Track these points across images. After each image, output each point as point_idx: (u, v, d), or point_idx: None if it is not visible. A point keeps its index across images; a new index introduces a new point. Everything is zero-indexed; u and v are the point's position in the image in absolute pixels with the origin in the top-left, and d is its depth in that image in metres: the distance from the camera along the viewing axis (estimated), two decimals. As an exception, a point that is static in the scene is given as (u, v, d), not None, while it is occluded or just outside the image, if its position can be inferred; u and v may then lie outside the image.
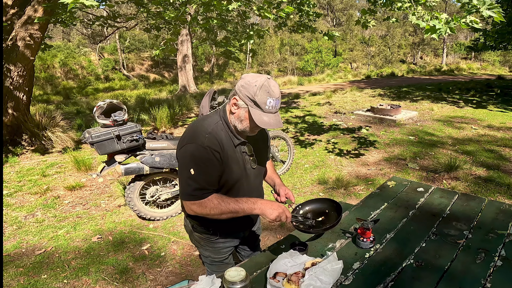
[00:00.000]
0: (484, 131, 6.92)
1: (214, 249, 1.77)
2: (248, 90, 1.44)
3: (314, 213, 1.78)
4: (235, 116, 1.52)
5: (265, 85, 1.42)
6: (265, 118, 1.44)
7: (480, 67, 28.36)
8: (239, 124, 1.52)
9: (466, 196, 2.24)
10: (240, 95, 1.47)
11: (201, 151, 1.46)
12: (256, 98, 1.42)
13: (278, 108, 1.48)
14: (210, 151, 1.46)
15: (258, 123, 1.43)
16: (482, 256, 1.57)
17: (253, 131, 1.55)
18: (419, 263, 1.53)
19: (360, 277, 1.46)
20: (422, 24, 4.00)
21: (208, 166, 1.48)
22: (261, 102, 1.42)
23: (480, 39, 16.49)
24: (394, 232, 1.81)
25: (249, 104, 1.45)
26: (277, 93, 1.45)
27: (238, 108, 1.49)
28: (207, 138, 1.47)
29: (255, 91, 1.42)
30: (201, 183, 1.49)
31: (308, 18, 6.12)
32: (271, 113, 1.45)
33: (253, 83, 1.43)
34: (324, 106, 10.28)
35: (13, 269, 2.91)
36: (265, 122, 1.43)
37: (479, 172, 4.76)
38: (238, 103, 1.48)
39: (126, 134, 3.32)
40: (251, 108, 1.45)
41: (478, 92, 12.10)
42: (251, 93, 1.43)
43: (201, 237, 1.77)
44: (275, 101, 1.45)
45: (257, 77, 1.45)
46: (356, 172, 4.94)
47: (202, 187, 1.50)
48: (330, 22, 42.52)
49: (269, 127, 1.44)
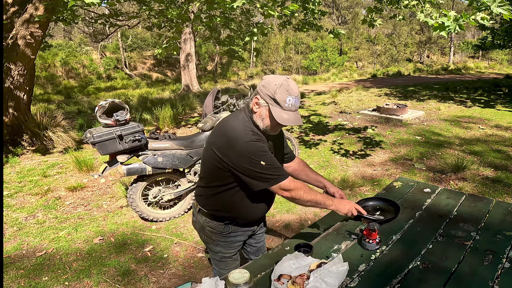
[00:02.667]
0: (492, 131, 6.86)
1: (226, 243, 1.82)
2: (268, 89, 1.52)
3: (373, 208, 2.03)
4: (257, 115, 1.60)
5: (284, 84, 1.51)
6: (285, 116, 1.52)
7: (487, 66, 28.01)
8: (261, 123, 1.59)
9: (473, 197, 2.22)
10: (261, 94, 1.55)
11: (258, 144, 1.54)
12: (276, 96, 1.51)
13: (297, 106, 1.56)
14: (262, 142, 1.57)
15: (278, 120, 1.51)
16: (489, 258, 1.54)
17: (274, 129, 1.62)
18: (426, 265, 1.51)
19: (366, 279, 1.45)
20: (430, 22, 3.95)
21: (269, 153, 1.58)
22: (281, 100, 1.51)
23: (488, 37, 16.34)
24: (400, 234, 1.79)
25: (270, 102, 1.53)
26: (296, 92, 1.54)
27: (260, 107, 1.57)
28: (250, 134, 1.56)
29: (275, 89, 1.51)
30: (277, 165, 1.58)
31: (313, 16, 6.05)
32: (291, 111, 1.54)
33: (273, 82, 1.52)
34: (330, 105, 10.23)
35: (14, 271, 2.88)
36: (285, 119, 1.51)
37: (486, 172, 4.71)
38: (260, 102, 1.56)
39: (128, 134, 3.29)
40: (271, 106, 1.53)
41: (485, 92, 12.01)
42: (271, 92, 1.51)
43: (212, 232, 1.80)
44: (295, 99, 1.53)
45: (277, 77, 1.54)
46: (362, 173, 4.90)
47: (281, 169, 1.61)
48: (335, 20, 42.33)
49: (288, 124, 1.52)
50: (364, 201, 2.09)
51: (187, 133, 7.35)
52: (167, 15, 6.19)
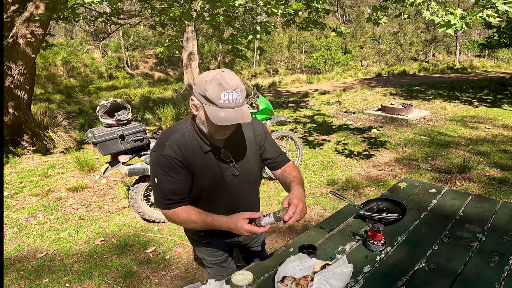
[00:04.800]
0: (498, 131, 6.80)
1: (207, 251, 1.75)
2: (199, 87, 1.31)
3: (379, 210, 2.01)
4: (198, 118, 1.41)
5: (216, 78, 1.28)
6: (221, 114, 1.28)
7: (494, 65, 27.75)
8: (203, 127, 1.40)
9: (479, 197, 2.19)
10: (195, 93, 1.35)
11: (161, 160, 1.41)
12: (207, 94, 1.28)
13: (239, 102, 1.30)
14: (170, 159, 1.40)
15: (213, 120, 1.28)
16: (496, 260, 1.52)
17: (220, 132, 1.40)
18: (431, 266, 1.50)
19: (371, 281, 1.43)
20: (437, 20, 3.91)
21: (170, 175, 1.42)
22: (213, 96, 1.27)
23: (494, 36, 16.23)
24: (405, 235, 1.77)
25: (203, 101, 1.32)
26: (233, 85, 1.28)
27: (197, 109, 1.37)
28: (167, 146, 1.41)
29: (206, 86, 1.28)
30: (165, 192, 1.44)
31: (318, 14, 5.99)
32: (230, 108, 1.29)
33: (204, 78, 1.30)
34: (334, 105, 10.20)
35: (14, 273, 2.87)
36: (222, 118, 1.28)
37: (493, 173, 4.67)
38: (195, 102, 1.36)
39: (130, 134, 3.28)
40: (205, 106, 1.31)
41: (492, 91, 11.95)
42: (202, 89, 1.30)
43: (193, 238, 1.74)
44: (231, 93, 1.28)
45: (210, 72, 1.32)
46: (367, 173, 4.86)
47: (167, 197, 1.45)
48: (339, 18, 42.11)
49: (227, 123, 1.28)
50: (369, 202, 2.07)
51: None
52: (170, 13, 6.14)
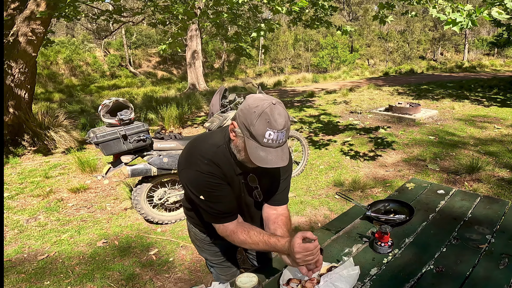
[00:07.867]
0: (508, 131, 6.72)
1: (210, 251, 1.75)
2: (246, 117, 1.21)
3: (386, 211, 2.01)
4: (234, 144, 1.33)
5: (266, 112, 1.18)
6: (261, 154, 1.21)
7: (503, 63, 27.48)
8: (238, 154, 1.33)
9: (488, 198, 2.19)
10: (238, 121, 1.25)
11: (202, 178, 1.33)
12: (251, 128, 1.19)
13: (281, 142, 1.22)
14: (212, 176, 1.34)
15: (252, 158, 1.21)
16: (505, 262, 1.52)
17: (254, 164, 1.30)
18: (440, 268, 1.50)
19: (378, 283, 1.43)
20: (443, 17, 3.89)
21: (217, 191, 1.37)
22: (258, 134, 1.19)
23: (503, 34, 16.06)
24: (413, 237, 1.77)
25: (245, 133, 1.23)
26: (281, 124, 1.19)
27: (236, 136, 1.29)
28: (206, 164, 1.33)
29: (252, 119, 1.19)
30: (215, 208, 1.40)
31: (324, 12, 5.91)
32: (271, 148, 1.21)
33: (253, 108, 1.20)
34: (340, 104, 10.13)
35: (15, 275, 2.84)
36: (261, 159, 1.20)
37: (502, 173, 4.60)
38: (236, 130, 1.28)
39: (133, 134, 3.25)
40: (247, 139, 1.23)
41: (501, 90, 11.84)
42: (248, 121, 1.20)
43: (196, 238, 1.74)
44: (277, 133, 1.19)
45: (261, 101, 1.21)
46: (374, 174, 4.80)
47: (217, 212, 1.41)
48: (346, 16, 41.91)
49: (265, 165, 1.21)
50: (376, 203, 2.08)
51: (193, 133, 7.35)
52: (173, 11, 6.10)
